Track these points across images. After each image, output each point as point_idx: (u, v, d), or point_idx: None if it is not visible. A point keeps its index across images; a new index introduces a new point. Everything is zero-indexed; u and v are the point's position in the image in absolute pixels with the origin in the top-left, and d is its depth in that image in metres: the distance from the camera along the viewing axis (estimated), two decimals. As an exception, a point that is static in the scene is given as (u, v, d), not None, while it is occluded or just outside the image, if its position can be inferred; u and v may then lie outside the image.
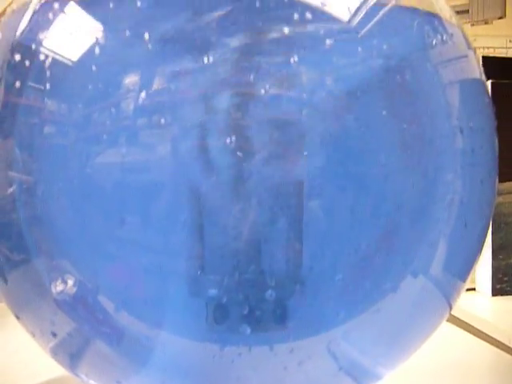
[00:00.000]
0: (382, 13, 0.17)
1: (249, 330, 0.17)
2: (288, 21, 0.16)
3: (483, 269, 0.70)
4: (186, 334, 0.18)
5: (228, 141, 0.17)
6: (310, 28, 0.16)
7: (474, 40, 1.05)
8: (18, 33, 0.18)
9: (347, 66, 0.17)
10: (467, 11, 0.69)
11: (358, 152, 0.16)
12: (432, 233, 0.18)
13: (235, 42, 0.17)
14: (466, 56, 0.19)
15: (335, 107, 0.17)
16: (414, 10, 0.18)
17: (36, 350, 0.42)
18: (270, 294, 0.17)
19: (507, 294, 0.68)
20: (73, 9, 0.18)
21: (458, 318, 0.64)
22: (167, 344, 0.18)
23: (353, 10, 0.16)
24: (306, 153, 0.17)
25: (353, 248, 0.17)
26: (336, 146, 0.17)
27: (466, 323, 0.61)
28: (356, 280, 0.17)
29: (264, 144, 0.17)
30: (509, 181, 0.68)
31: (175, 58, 0.17)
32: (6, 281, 0.20)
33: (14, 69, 0.18)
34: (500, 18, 0.68)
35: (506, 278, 0.69)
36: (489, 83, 0.69)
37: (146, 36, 0.17)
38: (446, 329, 0.57)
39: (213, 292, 0.18)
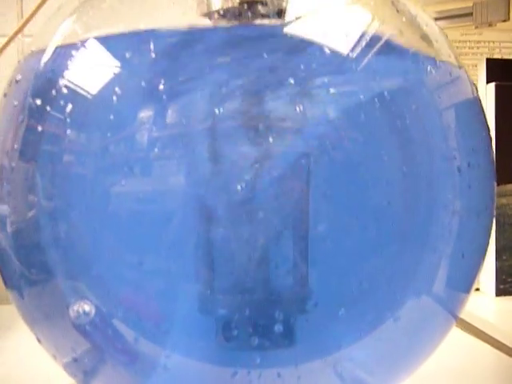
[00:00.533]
0: (376, 53, 0.18)
1: (258, 361, 0.18)
2: (292, 64, 0.17)
3: (487, 269, 0.71)
4: (196, 355, 0.19)
5: (236, 173, 0.18)
6: (315, 72, 0.17)
7: (480, 34, 1.06)
8: (38, 72, 0.19)
9: (348, 104, 0.17)
10: (471, 14, 0.69)
11: (361, 186, 0.17)
12: (431, 264, 0.19)
13: (241, 82, 0.17)
14: (469, 96, 0.20)
15: (338, 140, 0.18)
16: (408, 49, 0.19)
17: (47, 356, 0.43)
18: (277, 327, 0.18)
19: (511, 295, 0.69)
20: (88, 51, 0.19)
21: (460, 319, 0.65)
22: (179, 365, 0.19)
23: (353, 51, 0.17)
24: (311, 184, 0.18)
25: (357, 277, 0.18)
26: (339, 177, 0.18)
27: (469, 324, 0.62)
28: (360, 307, 0.18)
29: (272, 175, 0.18)
30: (512, 182, 0.69)
31: (185, 96, 0.18)
32: (23, 299, 0.21)
33: (36, 105, 0.19)
34: (504, 20, 0.68)
35: (509, 279, 0.70)
36: (493, 85, 0.70)
37: (157, 76, 0.18)
38: (453, 330, 0.58)
39: (222, 312, 0.19)
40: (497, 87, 0.69)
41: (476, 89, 0.21)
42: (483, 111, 0.21)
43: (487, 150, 0.20)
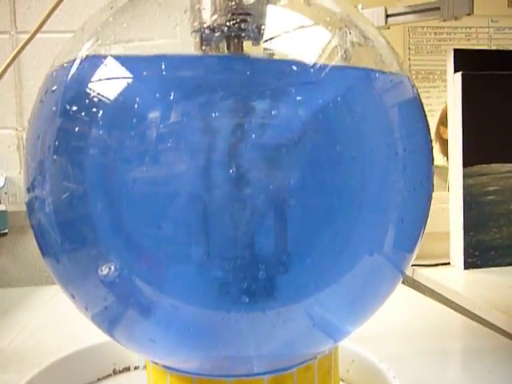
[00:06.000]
0: (335, 67, 0.23)
1: (247, 301, 0.23)
2: (268, 78, 0.22)
3: (456, 244, 0.77)
4: (201, 304, 0.24)
5: (227, 160, 0.23)
6: (288, 83, 0.22)
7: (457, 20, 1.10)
8: (68, 83, 0.24)
9: (314, 106, 0.23)
10: (438, 8, 0.74)
11: (325, 171, 0.23)
12: (379, 228, 0.24)
13: (231, 93, 0.23)
14: (410, 100, 0.25)
15: (305, 135, 0.23)
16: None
17: (61, 325, 0.49)
18: (261, 274, 0.23)
19: (478, 267, 0.75)
20: (107, 63, 0.24)
21: (432, 290, 0.71)
22: (187, 311, 0.24)
23: (316, 66, 0.23)
24: (286, 169, 0.23)
25: (322, 241, 0.23)
26: (307, 163, 0.23)
27: (440, 294, 0.68)
28: (325, 262, 0.24)
29: (253, 163, 0.23)
30: (478, 164, 0.75)
31: (187, 103, 0.23)
32: (59, 265, 0.26)
33: (67, 110, 0.24)
34: (468, 14, 0.73)
35: (476, 253, 0.76)
36: (459, 75, 0.76)
37: (164, 84, 0.23)
38: (421, 299, 0.64)
39: (216, 273, 0.24)
40: (463, 76, 0.75)
41: (417, 90, 0.26)
42: (422, 107, 0.26)
43: (423, 137, 0.26)
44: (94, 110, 0.23)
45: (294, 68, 0.23)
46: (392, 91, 0.24)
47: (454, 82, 0.77)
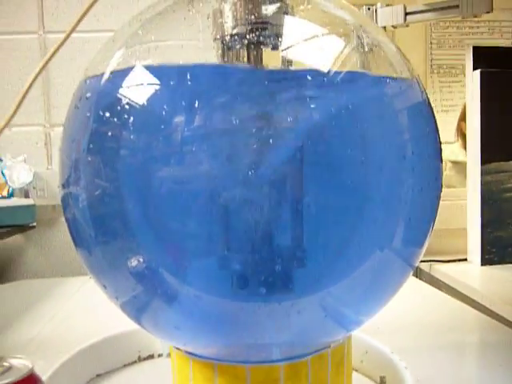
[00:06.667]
0: (350, 74, 0.25)
1: (264, 292, 0.25)
2: (283, 85, 0.24)
3: (474, 241, 0.78)
4: (222, 295, 0.26)
5: (246, 161, 0.24)
6: (306, 90, 0.24)
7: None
8: (101, 88, 0.26)
9: (329, 110, 0.24)
10: (457, 6, 0.75)
11: (339, 170, 0.24)
12: (390, 224, 0.26)
13: (251, 100, 0.24)
14: (419, 104, 0.27)
15: (320, 138, 0.24)
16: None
17: (88, 315, 0.50)
18: (278, 267, 0.25)
19: (495, 264, 0.76)
20: (137, 72, 0.26)
21: (449, 286, 0.72)
22: (209, 301, 0.26)
23: (331, 74, 0.24)
24: (303, 168, 0.24)
25: (335, 237, 0.25)
26: (323, 163, 0.25)
27: (457, 290, 0.69)
28: (338, 257, 0.25)
29: (270, 164, 0.24)
30: (496, 161, 0.75)
31: (209, 110, 0.25)
32: (91, 257, 0.28)
33: (101, 115, 0.26)
34: (488, 12, 0.74)
35: (493, 250, 0.76)
36: (478, 72, 0.76)
37: (190, 92, 0.25)
38: (438, 294, 0.65)
39: (236, 267, 0.25)
40: (482, 74, 0.76)
41: (426, 93, 0.28)
42: (432, 110, 0.28)
43: (431, 140, 0.27)
44: (126, 115, 0.25)
45: (309, 77, 0.24)
46: (402, 97, 0.26)
47: (473, 79, 0.77)
